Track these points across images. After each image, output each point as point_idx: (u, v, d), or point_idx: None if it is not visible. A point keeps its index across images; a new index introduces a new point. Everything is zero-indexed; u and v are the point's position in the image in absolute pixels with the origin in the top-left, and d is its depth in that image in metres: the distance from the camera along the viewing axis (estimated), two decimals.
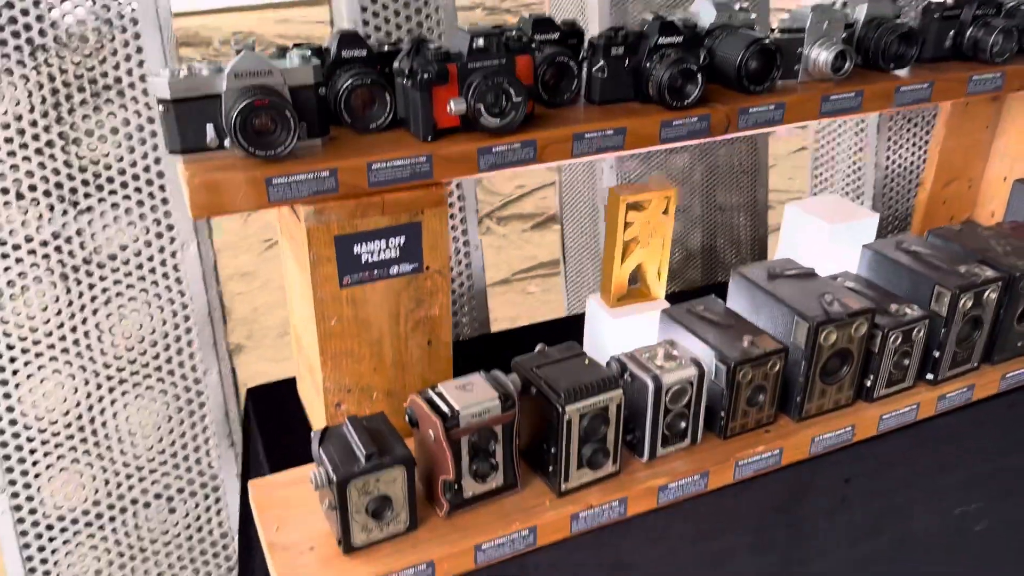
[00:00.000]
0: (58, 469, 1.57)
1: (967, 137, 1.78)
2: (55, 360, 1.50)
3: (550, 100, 1.18)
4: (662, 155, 1.97)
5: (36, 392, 1.50)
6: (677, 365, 1.12)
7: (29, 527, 1.58)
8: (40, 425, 1.53)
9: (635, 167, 1.95)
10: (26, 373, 1.49)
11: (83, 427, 1.55)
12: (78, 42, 1.39)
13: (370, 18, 1.55)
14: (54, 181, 1.40)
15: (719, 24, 1.27)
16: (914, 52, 1.34)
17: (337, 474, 0.95)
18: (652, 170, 1.97)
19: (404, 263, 1.10)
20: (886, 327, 1.21)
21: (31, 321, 1.47)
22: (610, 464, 1.11)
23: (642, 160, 1.96)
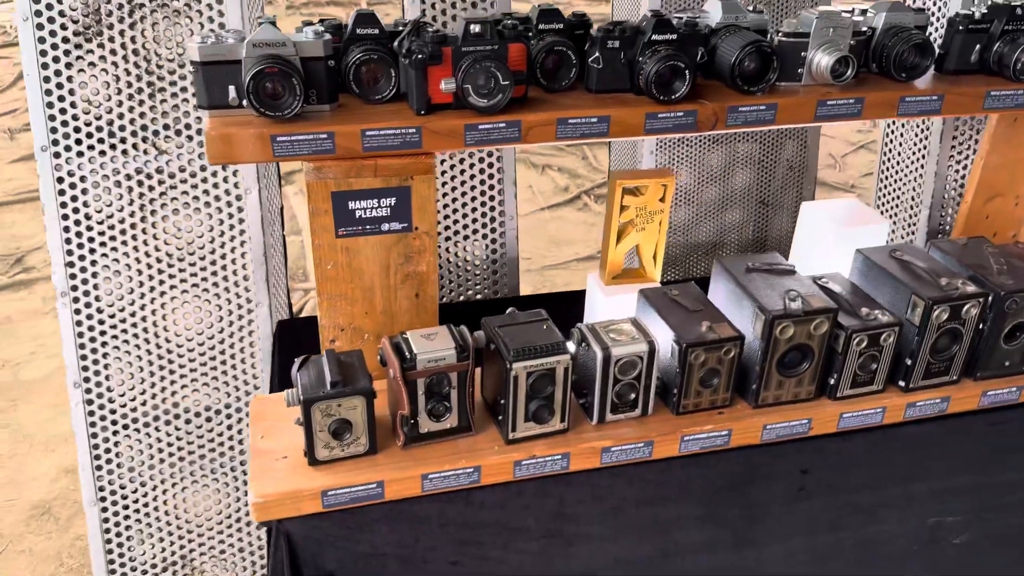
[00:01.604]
0: (123, 363, 1.82)
1: (1015, 152, 1.75)
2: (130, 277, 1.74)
3: (548, 86, 1.28)
4: (703, 146, 2.02)
5: (105, 288, 1.75)
6: (631, 340, 1.21)
7: (97, 420, 1.84)
8: (111, 322, 1.78)
9: (673, 156, 2.01)
10: (105, 289, 1.74)
11: (147, 327, 1.79)
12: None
13: None
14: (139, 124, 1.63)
15: (725, 24, 1.33)
16: (928, 63, 1.35)
17: (304, 395, 1.11)
18: (693, 160, 2.03)
19: (394, 222, 1.24)
20: (851, 328, 1.26)
21: (103, 223, 1.71)
22: (557, 421, 1.22)
23: (684, 149, 2.01)
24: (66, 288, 1.76)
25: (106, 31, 1.68)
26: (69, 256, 1.74)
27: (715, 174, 2.04)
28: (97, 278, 1.76)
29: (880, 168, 2.38)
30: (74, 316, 1.78)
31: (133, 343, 1.80)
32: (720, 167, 2.05)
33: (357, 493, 1.15)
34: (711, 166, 2.04)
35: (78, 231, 1.73)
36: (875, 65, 1.39)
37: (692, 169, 2.02)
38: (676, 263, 2.12)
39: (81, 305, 1.77)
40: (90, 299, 1.77)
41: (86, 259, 1.74)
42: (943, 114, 1.38)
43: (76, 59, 1.65)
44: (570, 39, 1.29)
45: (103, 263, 1.75)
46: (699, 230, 2.11)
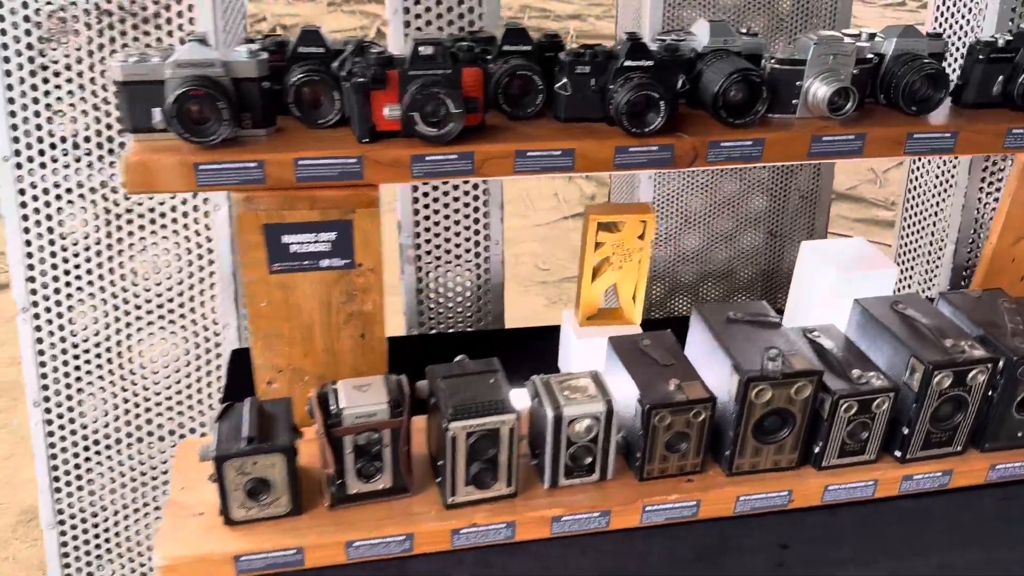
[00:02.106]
0: (86, 393, 1.74)
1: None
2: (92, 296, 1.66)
3: (512, 113, 1.17)
4: (710, 176, 1.88)
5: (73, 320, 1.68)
6: (587, 398, 1.09)
7: (57, 440, 1.77)
8: (74, 351, 1.71)
9: (678, 185, 1.87)
10: (67, 305, 1.66)
11: (111, 356, 1.71)
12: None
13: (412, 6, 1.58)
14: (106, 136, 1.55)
15: (712, 48, 1.20)
16: (941, 96, 1.22)
17: (217, 450, 1.01)
18: (696, 190, 1.89)
19: (335, 258, 1.13)
20: (838, 393, 1.12)
21: (75, 258, 1.64)
22: (503, 485, 1.10)
23: (686, 179, 1.88)
24: (27, 304, 1.69)
25: (72, 38, 1.61)
26: (30, 271, 1.67)
27: (725, 200, 1.91)
28: (59, 294, 1.69)
29: (905, 197, 2.22)
30: (34, 333, 1.71)
31: (95, 363, 1.73)
32: (730, 193, 1.91)
33: (274, 559, 1.05)
34: (722, 192, 1.90)
35: (40, 245, 1.66)
36: (883, 96, 1.26)
37: (704, 195, 1.89)
38: (687, 290, 1.98)
39: (42, 322, 1.70)
40: (51, 316, 1.69)
41: (47, 275, 1.67)
42: (957, 153, 1.24)
43: (40, 67, 1.58)
44: (539, 62, 1.17)
45: (65, 280, 1.68)
46: (709, 258, 1.98)
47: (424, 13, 1.62)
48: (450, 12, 1.63)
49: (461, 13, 1.63)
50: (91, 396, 1.75)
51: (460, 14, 1.63)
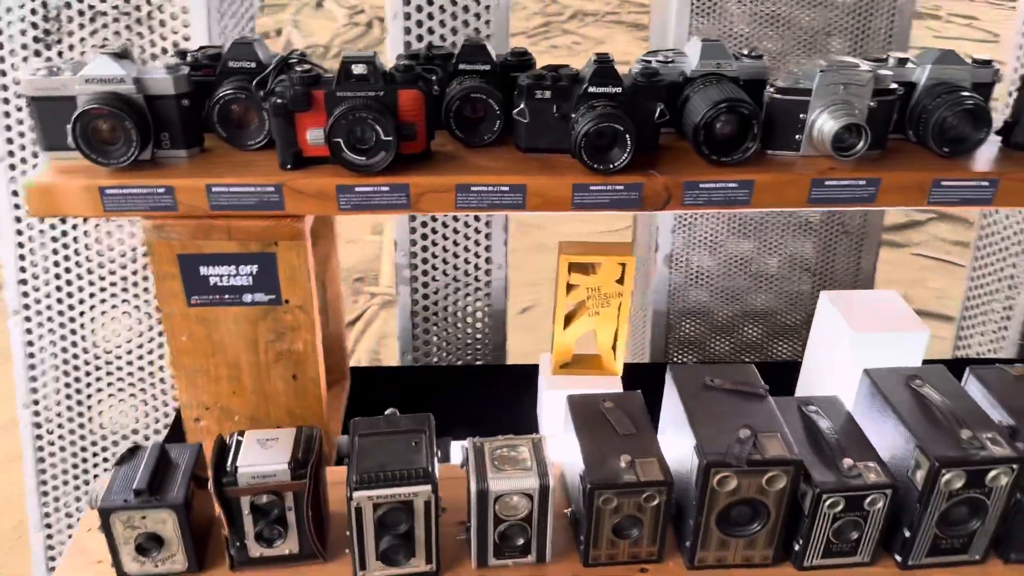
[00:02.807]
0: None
1: None
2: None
3: (466, 139, 1.04)
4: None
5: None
6: (520, 472, 0.95)
7: (45, 443, 1.74)
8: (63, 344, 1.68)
9: (691, 215, 1.69)
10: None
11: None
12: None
13: (412, 12, 1.48)
14: None
15: (703, 72, 1.04)
16: (982, 136, 1.02)
17: (103, 501, 0.92)
18: (729, 223, 1.71)
19: (259, 292, 1.03)
20: (820, 488, 0.95)
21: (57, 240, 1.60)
22: (422, 562, 0.98)
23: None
24: (18, 307, 1.67)
25: (66, 38, 1.56)
26: (22, 273, 1.65)
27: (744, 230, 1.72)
28: (50, 298, 1.66)
29: (978, 235, 1.97)
30: (25, 336, 1.69)
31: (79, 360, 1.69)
32: (754, 234, 1.72)
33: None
34: (758, 227, 1.71)
35: (31, 248, 1.63)
36: (912, 133, 1.07)
37: (738, 231, 1.71)
38: (726, 331, 1.81)
39: (33, 325, 1.67)
40: (42, 319, 1.67)
41: (39, 278, 1.64)
42: (996, 205, 1.03)
43: (35, 69, 1.54)
44: (501, 83, 1.04)
45: (56, 283, 1.65)
46: (744, 299, 1.79)
47: (426, 20, 1.51)
48: (454, 19, 1.52)
49: (466, 20, 1.51)
50: (77, 400, 1.72)
51: (465, 21, 1.52)
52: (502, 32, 1.51)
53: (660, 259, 1.72)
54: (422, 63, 1.04)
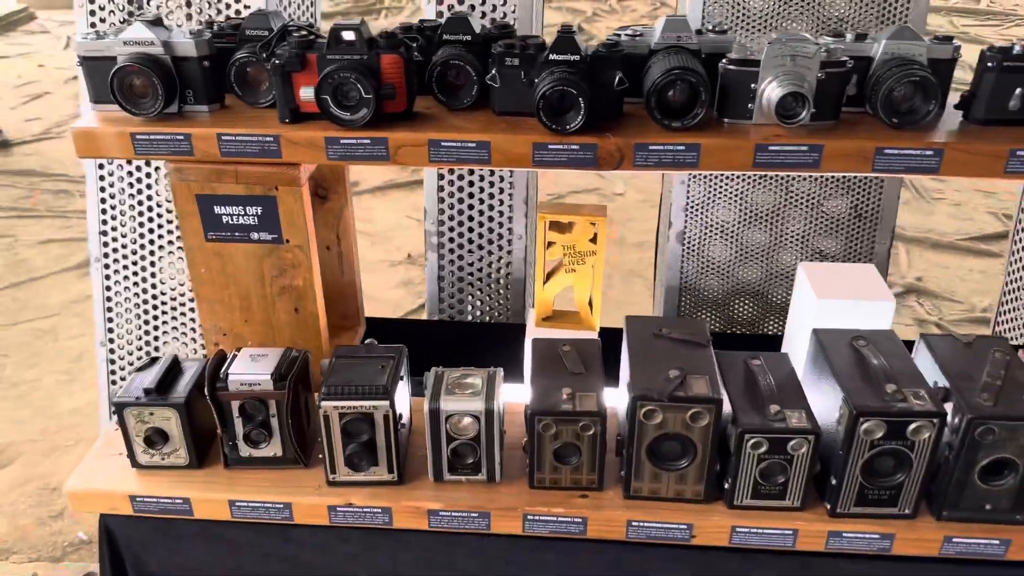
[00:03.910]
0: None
1: None
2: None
3: (448, 103, 1.16)
4: (748, 179, 1.75)
5: None
6: (471, 396, 1.07)
7: (117, 379, 1.97)
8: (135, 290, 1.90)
9: (704, 192, 1.75)
10: None
11: None
12: None
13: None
14: None
15: (665, 44, 1.13)
16: (930, 108, 1.06)
17: (118, 397, 1.10)
18: (726, 198, 1.76)
19: (264, 232, 1.18)
20: (743, 427, 1.02)
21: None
22: (384, 471, 1.11)
23: (713, 185, 1.75)
24: (99, 254, 1.90)
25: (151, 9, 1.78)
26: (103, 225, 1.88)
27: (761, 214, 1.77)
28: (126, 248, 1.88)
29: (1017, 217, 1.94)
30: (104, 281, 1.92)
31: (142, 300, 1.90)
32: (769, 207, 1.76)
33: (166, 505, 1.12)
34: (756, 204, 1.76)
35: (111, 204, 1.85)
36: (868, 105, 1.12)
37: (733, 205, 1.77)
38: (715, 307, 1.87)
39: (111, 271, 1.90)
40: (118, 266, 1.89)
41: (117, 230, 1.87)
42: (943, 174, 1.07)
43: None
44: (481, 52, 1.16)
45: (131, 234, 1.87)
46: (743, 273, 1.84)
47: (457, 3, 1.64)
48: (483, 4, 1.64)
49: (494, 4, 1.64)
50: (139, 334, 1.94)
51: (493, 5, 1.64)
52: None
53: (673, 236, 1.79)
54: (412, 33, 1.17)
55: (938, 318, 3.40)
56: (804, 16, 1.62)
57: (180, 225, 1.19)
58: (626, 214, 3.92)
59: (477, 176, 1.75)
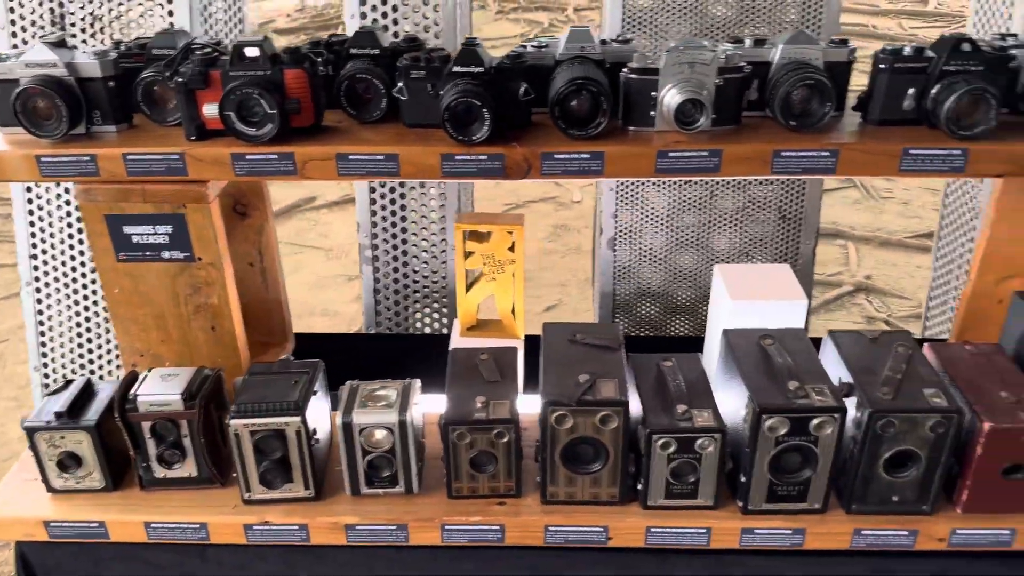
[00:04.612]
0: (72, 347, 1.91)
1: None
2: None
3: (358, 116, 1.17)
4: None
5: None
6: (384, 408, 1.07)
7: None
8: (67, 313, 1.88)
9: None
10: None
11: None
12: None
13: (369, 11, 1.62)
14: None
15: (569, 55, 1.14)
16: (826, 110, 1.09)
17: (29, 421, 1.08)
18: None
19: (175, 250, 1.18)
20: (651, 427, 1.03)
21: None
22: (301, 487, 1.10)
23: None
24: (30, 278, 1.88)
25: None
26: (33, 249, 1.86)
27: (685, 215, 1.79)
28: (57, 271, 1.86)
29: (940, 224, 1.99)
30: (36, 305, 1.89)
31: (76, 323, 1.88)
32: (695, 203, 1.79)
33: (82, 529, 1.11)
34: (679, 199, 1.78)
35: (41, 227, 1.83)
36: (769, 109, 1.14)
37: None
38: (652, 311, 1.89)
39: (42, 296, 1.88)
40: (50, 289, 1.87)
41: (48, 252, 1.84)
42: (840, 174, 1.10)
43: None
44: (391, 66, 1.16)
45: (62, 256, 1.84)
46: (674, 278, 1.86)
47: (381, 18, 1.65)
48: (406, 19, 1.65)
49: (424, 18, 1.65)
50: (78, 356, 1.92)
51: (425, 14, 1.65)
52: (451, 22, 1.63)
53: (604, 243, 1.81)
54: (320, 48, 1.17)
55: (887, 315, 3.46)
56: (759, 20, 1.64)
57: (91, 246, 1.18)
58: (583, 221, 3.94)
59: (409, 188, 1.76)
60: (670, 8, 1.65)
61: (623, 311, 1.89)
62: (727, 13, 1.66)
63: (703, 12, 1.66)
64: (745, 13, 1.67)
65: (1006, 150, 1.07)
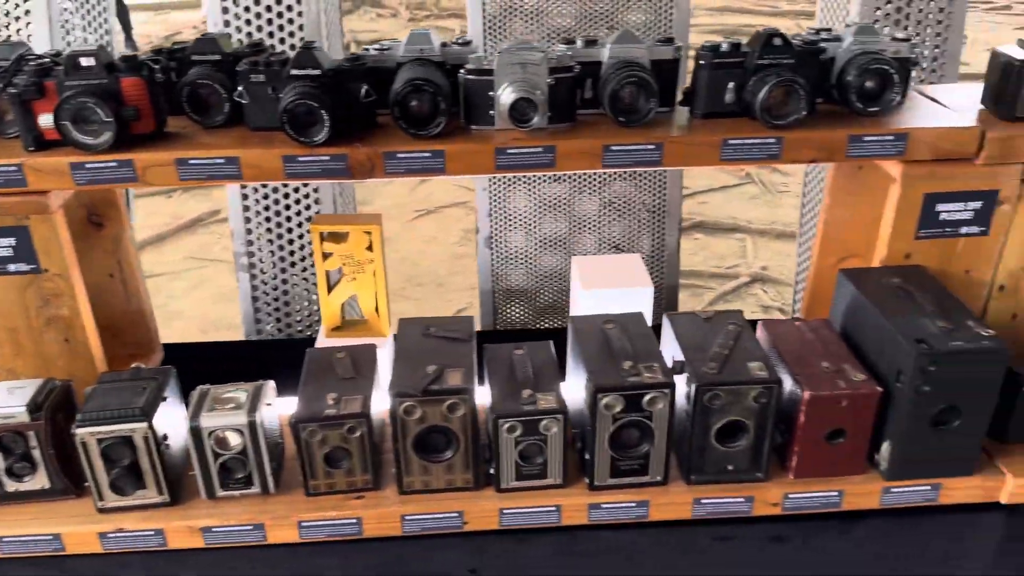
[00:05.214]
0: None
1: (864, 206, 1.47)
2: None
3: (202, 122, 1.18)
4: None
5: None
6: (232, 411, 1.09)
7: None
8: None
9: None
10: None
11: None
12: None
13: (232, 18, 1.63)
14: None
15: (409, 57, 1.18)
16: (651, 106, 1.15)
17: None
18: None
19: (20, 263, 1.16)
20: (496, 412, 1.08)
21: None
22: (155, 493, 1.11)
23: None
24: None
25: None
26: None
27: (556, 216, 1.85)
28: None
29: (801, 212, 2.11)
30: None
31: None
32: (565, 201, 1.85)
33: None
34: (550, 197, 1.84)
35: None
36: (602, 107, 1.20)
37: (530, 196, 1.84)
38: (523, 298, 1.93)
39: None
40: None
41: None
42: (666, 165, 1.17)
43: None
44: (233, 70, 1.18)
45: None
46: (546, 270, 1.92)
47: (244, 25, 1.65)
48: (270, 24, 1.66)
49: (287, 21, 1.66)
50: None
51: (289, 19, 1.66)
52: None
53: (481, 241, 1.85)
54: (161, 56, 1.18)
55: (781, 303, 3.61)
56: (611, 23, 1.71)
57: None
58: None
59: (282, 194, 1.76)
60: (519, 12, 1.71)
61: (504, 307, 1.94)
62: (568, 22, 1.73)
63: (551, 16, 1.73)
64: (587, 18, 1.73)
65: (816, 137, 1.16)
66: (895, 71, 1.16)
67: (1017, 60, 1.17)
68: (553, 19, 1.74)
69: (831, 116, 1.19)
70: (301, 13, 1.66)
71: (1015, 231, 1.27)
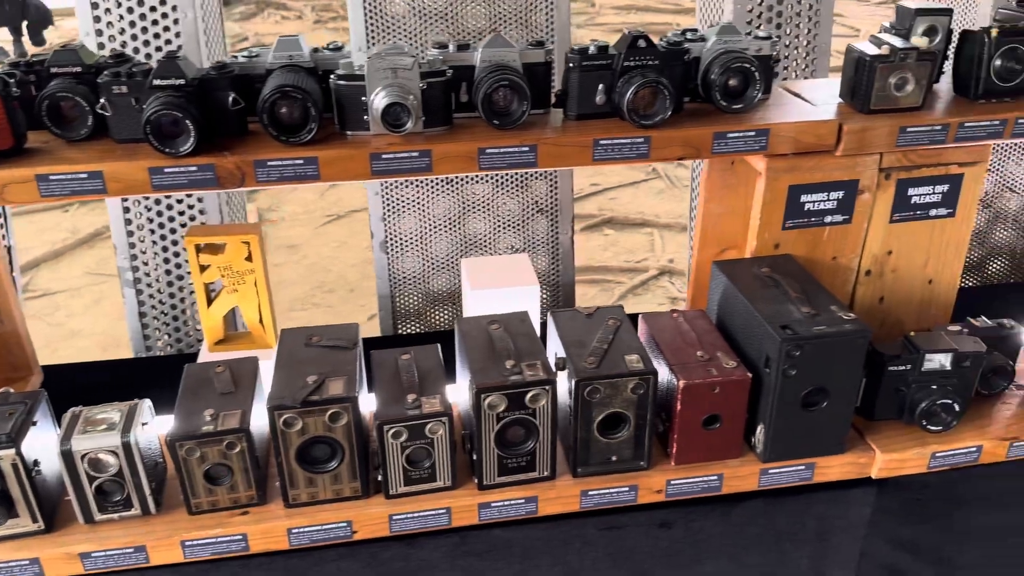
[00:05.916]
0: None
1: (739, 200, 1.53)
2: None
3: (63, 135, 1.14)
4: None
5: None
6: (104, 432, 1.05)
7: None
8: None
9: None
10: None
11: None
12: None
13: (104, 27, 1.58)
14: None
15: (279, 64, 1.17)
16: (523, 109, 1.17)
17: None
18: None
19: None
20: (380, 419, 1.08)
21: None
22: (29, 522, 1.07)
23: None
24: None
25: None
26: None
27: (450, 220, 1.86)
28: None
29: (691, 207, 2.17)
30: None
31: None
32: (453, 213, 1.85)
33: None
34: (438, 211, 1.84)
35: None
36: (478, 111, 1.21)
37: (418, 214, 1.85)
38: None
39: None
40: None
41: None
42: (541, 167, 1.19)
43: None
44: (95, 82, 1.14)
45: None
46: (437, 276, 1.92)
47: (118, 34, 1.60)
48: (145, 33, 1.62)
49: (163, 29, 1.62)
50: None
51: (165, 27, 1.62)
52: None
53: (376, 246, 1.84)
54: (18, 69, 1.13)
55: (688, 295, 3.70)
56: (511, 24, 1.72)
57: None
58: None
59: (165, 206, 1.72)
60: (420, 14, 1.71)
61: (403, 311, 1.93)
62: (480, 24, 1.74)
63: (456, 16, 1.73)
64: (496, 20, 1.75)
65: (683, 135, 1.19)
66: (756, 69, 1.21)
67: (868, 55, 1.23)
68: (438, 24, 1.74)
69: (697, 114, 1.23)
70: (177, 20, 1.62)
71: (876, 218, 1.34)
